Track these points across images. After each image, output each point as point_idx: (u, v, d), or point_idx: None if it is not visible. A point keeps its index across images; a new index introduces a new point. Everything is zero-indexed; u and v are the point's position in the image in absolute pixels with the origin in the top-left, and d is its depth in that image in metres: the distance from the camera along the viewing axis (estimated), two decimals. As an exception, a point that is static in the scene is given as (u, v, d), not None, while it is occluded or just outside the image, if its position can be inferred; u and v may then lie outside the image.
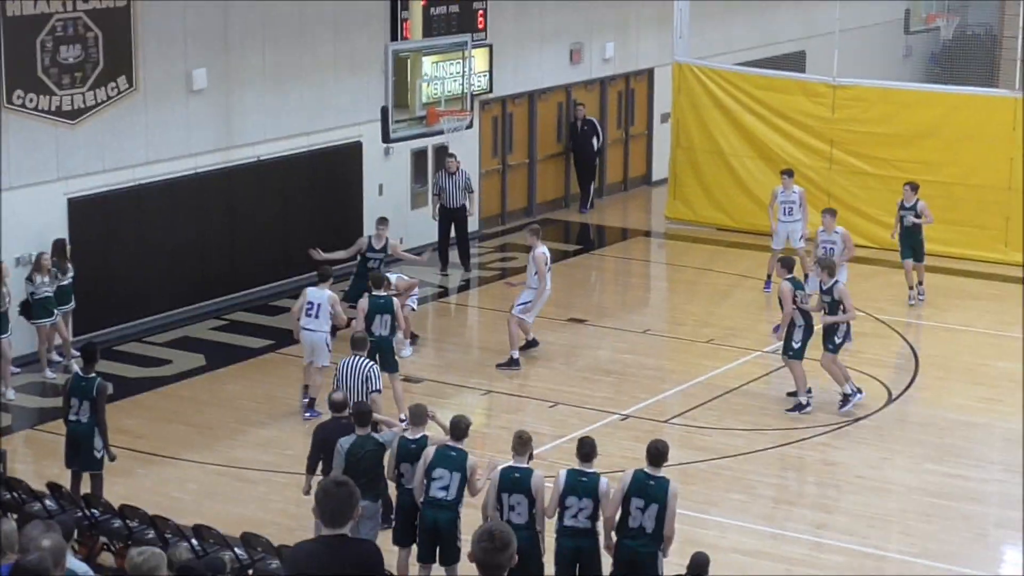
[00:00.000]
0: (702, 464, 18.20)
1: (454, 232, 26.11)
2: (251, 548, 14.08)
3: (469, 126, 23.87)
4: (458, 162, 25.76)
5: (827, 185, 27.38)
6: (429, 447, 14.51)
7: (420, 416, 15.00)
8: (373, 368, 17.11)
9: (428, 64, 22.67)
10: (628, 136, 32.11)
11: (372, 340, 18.32)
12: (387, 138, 22.49)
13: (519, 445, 14.02)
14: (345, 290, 22.04)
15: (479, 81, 26.16)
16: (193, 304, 23.54)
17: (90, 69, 21.72)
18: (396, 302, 19.47)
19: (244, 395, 20.37)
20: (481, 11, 27.10)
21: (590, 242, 29.18)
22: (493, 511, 13.81)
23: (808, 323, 19.66)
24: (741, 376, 21.15)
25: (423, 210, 26.66)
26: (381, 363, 18.25)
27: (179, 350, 22.25)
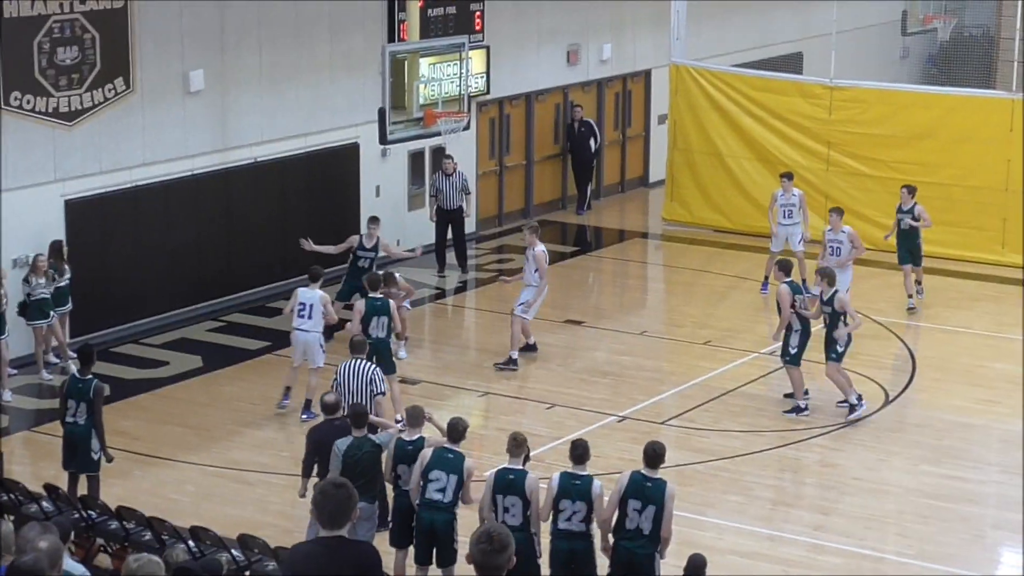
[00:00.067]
0: (699, 466, 18.18)
1: (451, 233, 26.11)
2: (248, 550, 14.05)
3: (466, 127, 23.84)
4: (455, 163, 25.76)
5: (824, 187, 27.37)
6: (426, 449, 14.49)
7: (417, 418, 14.97)
8: (376, 371, 17.01)
9: (425, 65, 22.65)
10: (625, 138, 32.11)
11: (369, 342, 18.26)
12: (384, 139, 22.46)
13: (514, 447, 14.00)
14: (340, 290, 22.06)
15: (476, 82, 26.18)
16: (190, 306, 23.53)
17: (87, 71, 21.71)
18: (392, 304, 19.44)
19: (241, 397, 20.35)
20: (478, 12, 27.08)
21: (587, 244, 29.18)
22: (489, 512, 13.80)
23: (805, 327, 19.63)
24: (738, 378, 21.14)
25: (420, 211, 26.67)
26: (378, 365, 18.20)
27: (176, 352, 22.24)
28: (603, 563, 13.86)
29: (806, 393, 19.83)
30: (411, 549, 14.68)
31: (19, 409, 20.01)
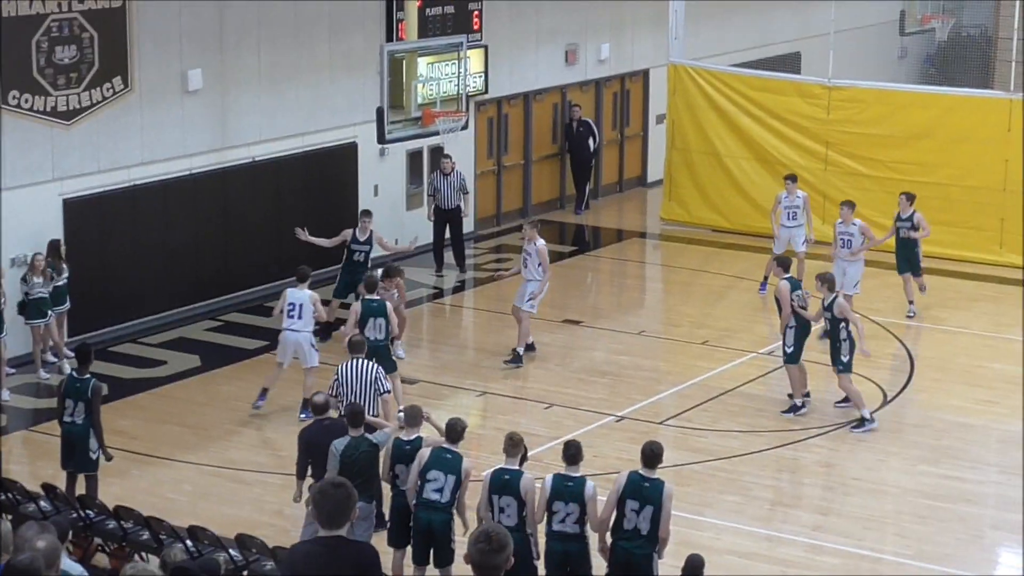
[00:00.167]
0: (697, 466, 18.17)
1: (449, 233, 26.10)
2: (246, 549, 14.05)
3: (464, 127, 23.80)
4: (453, 163, 25.76)
5: (822, 186, 27.35)
6: (424, 449, 14.47)
7: (415, 417, 14.97)
8: (379, 370, 16.98)
9: (423, 65, 22.63)
10: (623, 137, 32.10)
11: (368, 344, 18.22)
12: (382, 139, 22.44)
13: (510, 447, 13.99)
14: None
15: (474, 82, 26.17)
16: (188, 305, 23.52)
17: (85, 70, 21.70)
18: (389, 305, 19.42)
19: (239, 396, 20.32)
20: (476, 12, 27.08)
21: (585, 243, 29.17)
22: (486, 512, 13.80)
23: (800, 324, 19.59)
24: (736, 377, 21.14)
25: (419, 211, 26.65)
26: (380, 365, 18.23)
27: (174, 351, 22.23)
28: (598, 563, 13.84)
29: (807, 395, 19.82)
30: (409, 549, 14.65)
31: (17, 408, 20.00)
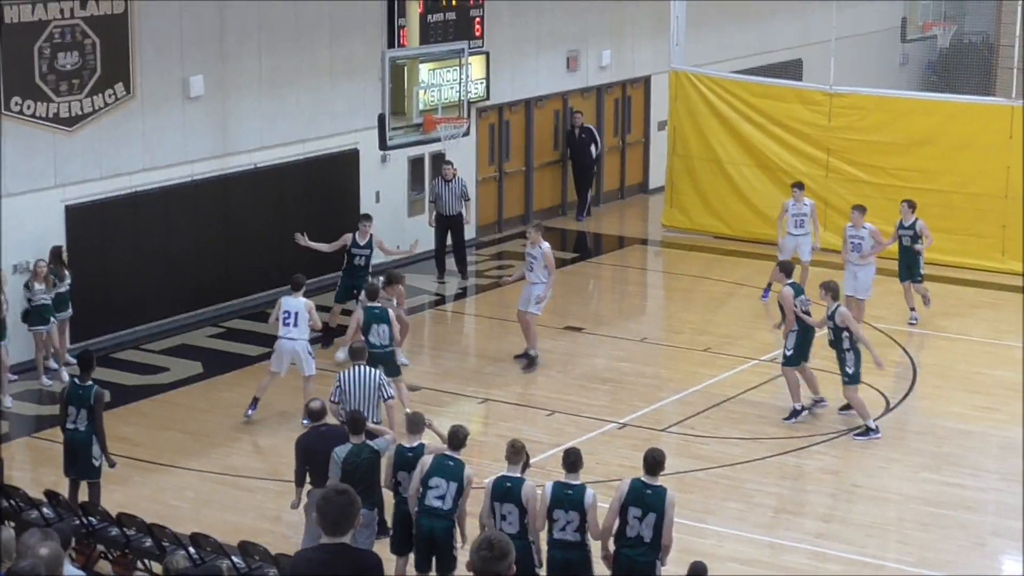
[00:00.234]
0: (700, 473, 18.16)
1: (451, 240, 26.09)
2: (249, 556, 14.04)
3: (466, 133, 23.82)
4: (455, 169, 25.74)
5: (824, 193, 27.33)
6: (426, 456, 14.45)
7: (417, 424, 14.95)
8: (382, 376, 16.96)
9: (425, 71, 22.64)
10: (625, 144, 32.09)
11: (373, 352, 18.32)
12: (384, 145, 22.46)
13: (512, 454, 13.95)
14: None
15: (476, 88, 26.14)
16: (190, 311, 23.50)
17: (87, 76, 21.70)
18: (391, 312, 19.41)
19: (241, 403, 20.26)
20: (478, 18, 27.06)
21: (587, 250, 29.15)
22: (488, 520, 13.78)
23: (803, 329, 19.54)
24: (738, 384, 21.11)
25: (420, 217, 26.62)
26: (386, 372, 18.22)
27: (176, 357, 22.22)
28: (601, 571, 13.82)
29: (822, 400, 19.77)
30: (411, 556, 14.62)
31: (19, 415, 19.98)
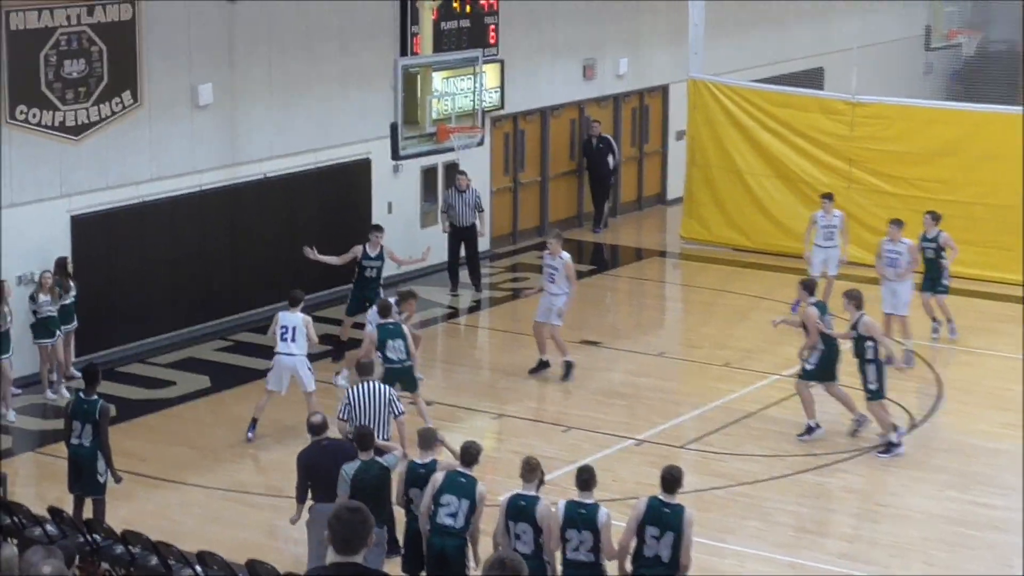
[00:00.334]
0: (719, 491, 17.86)
1: (464, 251, 25.80)
2: (256, 575, 13.73)
3: (480, 143, 23.58)
4: (468, 180, 25.50)
5: (846, 204, 26.89)
6: (438, 472, 14.20)
7: (430, 440, 14.75)
8: (392, 392, 16.83)
9: (438, 80, 22.40)
10: (642, 154, 31.83)
11: (391, 367, 18.42)
12: (396, 155, 22.22)
13: (527, 472, 13.68)
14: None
15: (490, 97, 25.99)
16: (197, 324, 23.28)
17: (94, 84, 21.45)
18: (406, 328, 19.20)
19: (249, 417, 19.96)
20: (492, 26, 26.82)
21: (604, 262, 28.88)
22: (502, 538, 13.49)
23: (829, 346, 19.19)
24: (759, 400, 20.80)
25: (433, 228, 26.31)
26: (405, 386, 18.33)
27: (183, 371, 22.02)
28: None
29: (862, 419, 19.33)
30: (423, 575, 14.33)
31: (23, 430, 19.80)
